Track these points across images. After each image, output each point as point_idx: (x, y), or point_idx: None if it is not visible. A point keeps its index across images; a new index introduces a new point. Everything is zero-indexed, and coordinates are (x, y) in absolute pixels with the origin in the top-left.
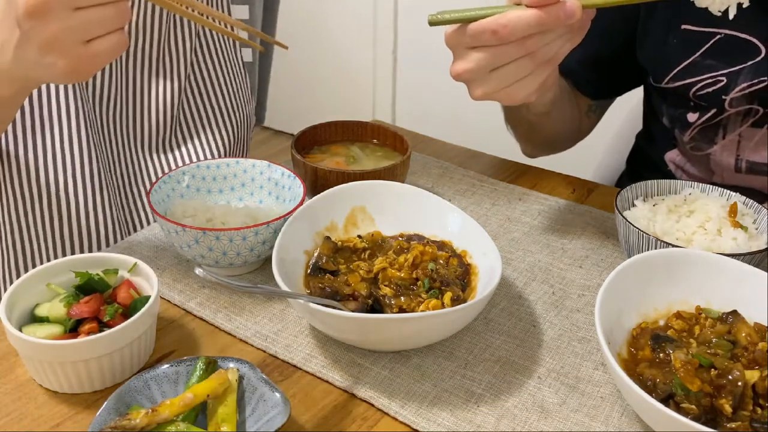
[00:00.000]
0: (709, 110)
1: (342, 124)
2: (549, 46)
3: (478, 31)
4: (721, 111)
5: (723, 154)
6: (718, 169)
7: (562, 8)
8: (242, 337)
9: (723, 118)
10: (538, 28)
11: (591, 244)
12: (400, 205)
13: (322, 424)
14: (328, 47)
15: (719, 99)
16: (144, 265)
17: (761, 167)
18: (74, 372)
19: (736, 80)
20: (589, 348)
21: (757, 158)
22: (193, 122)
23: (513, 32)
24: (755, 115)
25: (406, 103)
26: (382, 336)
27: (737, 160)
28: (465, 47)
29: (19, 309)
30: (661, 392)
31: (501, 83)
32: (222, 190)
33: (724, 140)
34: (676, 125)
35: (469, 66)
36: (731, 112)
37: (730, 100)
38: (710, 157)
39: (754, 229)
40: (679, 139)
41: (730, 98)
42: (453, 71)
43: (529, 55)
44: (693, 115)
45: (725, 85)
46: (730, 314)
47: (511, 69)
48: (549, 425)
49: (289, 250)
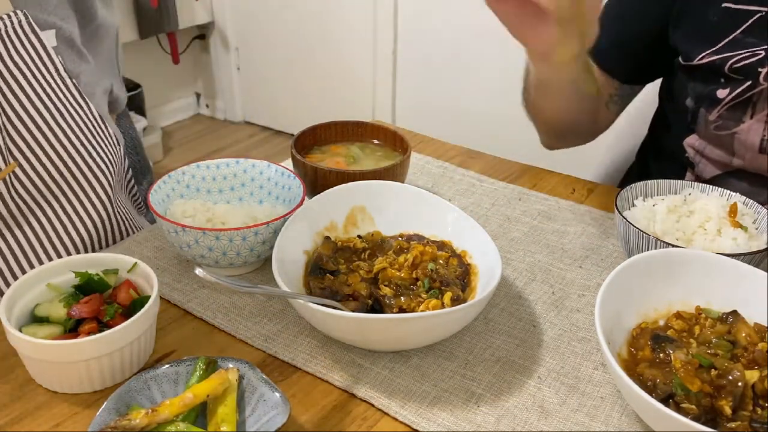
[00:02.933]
0: (742, 84)
1: (342, 124)
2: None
3: None
4: (754, 85)
5: (749, 133)
6: (741, 150)
7: None
8: (242, 337)
9: (754, 94)
10: None
11: (591, 244)
12: (400, 205)
13: (321, 424)
14: (328, 47)
15: (755, 71)
16: (144, 265)
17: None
18: (74, 372)
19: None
20: (589, 348)
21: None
22: (34, 192)
23: None
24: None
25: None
26: (382, 336)
27: (763, 139)
28: None
29: (19, 309)
30: (661, 392)
31: None
32: (222, 190)
33: (752, 119)
34: (704, 104)
35: None
36: (764, 86)
37: (765, 73)
38: (735, 136)
39: (754, 229)
40: (703, 120)
41: (765, 71)
42: None
43: None
44: (723, 91)
45: (763, 58)
46: (730, 314)
47: None
48: (549, 425)
49: (289, 250)
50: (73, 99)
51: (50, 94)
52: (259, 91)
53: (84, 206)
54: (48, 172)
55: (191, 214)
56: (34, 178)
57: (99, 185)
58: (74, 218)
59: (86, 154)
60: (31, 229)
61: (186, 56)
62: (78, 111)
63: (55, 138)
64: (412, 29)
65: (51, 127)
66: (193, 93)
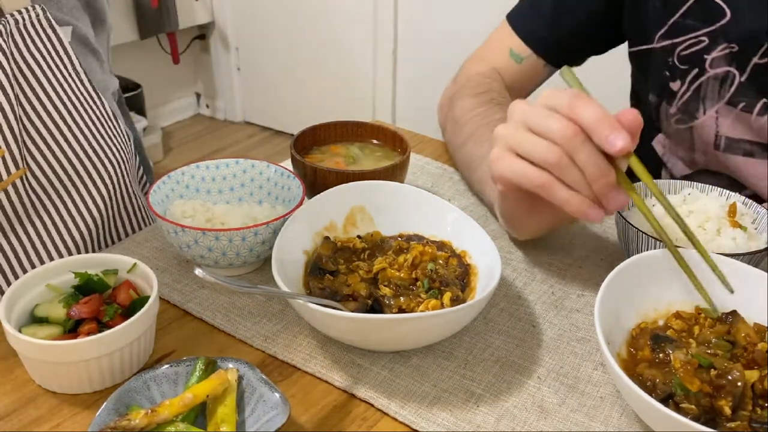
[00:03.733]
0: (690, 72)
1: (342, 124)
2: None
3: (589, 104)
4: (701, 72)
5: (704, 129)
6: (700, 145)
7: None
8: (241, 337)
9: (702, 87)
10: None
11: (591, 244)
12: (399, 205)
13: (321, 424)
14: (328, 47)
15: (701, 58)
16: (143, 265)
17: (737, 144)
18: (74, 372)
19: (716, 40)
20: (589, 348)
21: (734, 134)
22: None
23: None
24: (731, 84)
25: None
26: (382, 336)
27: (716, 136)
28: (548, 116)
29: (18, 309)
30: (660, 392)
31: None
32: (221, 190)
33: (705, 115)
34: (664, 97)
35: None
36: (710, 75)
37: (711, 60)
38: (693, 131)
39: (754, 229)
40: (665, 114)
41: (711, 58)
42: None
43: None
44: (675, 83)
45: (707, 46)
46: (729, 314)
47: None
48: (549, 425)
49: (289, 250)
50: (87, 94)
51: (66, 88)
52: (259, 91)
53: (93, 199)
54: (61, 163)
55: (191, 214)
56: (47, 171)
57: (109, 178)
58: (83, 211)
59: (99, 148)
60: (42, 222)
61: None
62: (92, 105)
63: (69, 130)
64: (412, 29)
65: (66, 120)
66: (193, 93)
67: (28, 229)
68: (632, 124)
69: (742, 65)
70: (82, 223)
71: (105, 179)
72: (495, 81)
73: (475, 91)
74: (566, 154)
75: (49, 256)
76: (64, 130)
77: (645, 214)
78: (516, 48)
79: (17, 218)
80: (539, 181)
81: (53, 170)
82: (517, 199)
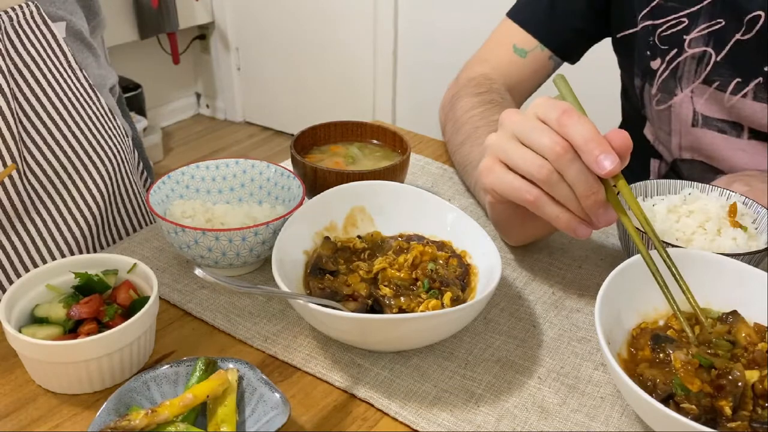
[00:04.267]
0: (669, 52)
1: (342, 124)
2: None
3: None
4: (680, 52)
5: (682, 107)
6: (677, 125)
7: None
8: (242, 337)
9: (680, 67)
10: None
11: (591, 244)
12: (399, 205)
13: (321, 424)
14: (328, 47)
15: (680, 39)
16: (143, 265)
17: (712, 121)
18: (74, 373)
19: (696, 20)
20: (589, 348)
21: (708, 112)
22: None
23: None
24: (707, 64)
25: (406, 103)
26: (382, 336)
27: (694, 113)
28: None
29: (18, 310)
30: (661, 392)
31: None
32: (221, 190)
33: (682, 93)
34: (647, 79)
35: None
36: (688, 55)
37: (690, 40)
38: (671, 111)
39: (754, 229)
40: (648, 97)
41: (689, 38)
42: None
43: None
44: (655, 62)
45: (687, 26)
46: (730, 314)
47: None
48: (549, 425)
49: (289, 250)
50: (83, 90)
51: (62, 84)
52: (259, 91)
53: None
54: (59, 159)
55: (191, 214)
56: (45, 167)
57: (106, 172)
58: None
59: (96, 143)
60: (41, 218)
61: (186, 56)
62: (88, 101)
63: (66, 126)
64: (412, 29)
65: (63, 116)
66: (193, 93)
67: (28, 225)
68: (622, 146)
69: (721, 44)
70: (82, 219)
71: (103, 174)
72: (496, 82)
73: (476, 91)
74: (555, 170)
75: (49, 253)
76: (61, 126)
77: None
78: (519, 43)
79: (16, 215)
80: (528, 197)
81: (51, 166)
82: (507, 209)
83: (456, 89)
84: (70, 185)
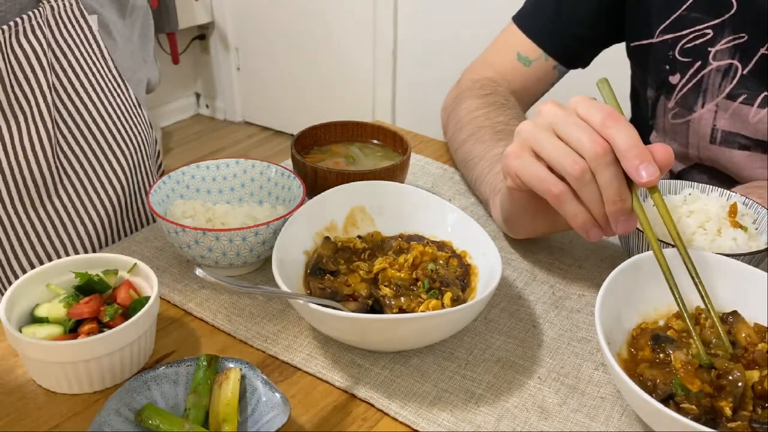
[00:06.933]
0: (692, 66)
1: (342, 124)
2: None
3: (626, 127)
4: (704, 65)
5: (701, 122)
6: (694, 140)
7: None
8: (242, 337)
9: (704, 80)
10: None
11: (591, 244)
12: (399, 205)
13: (322, 424)
14: (328, 47)
15: (705, 51)
16: (144, 265)
17: (734, 138)
18: (74, 372)
19: (721, 32)
20: (589, 348)
21: (731, 128)
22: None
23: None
24: (734, 77)
25: (406, 103)
26: (382, 336)
27: (713, 129)
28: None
29: (18, 309)
30: (661, 393)
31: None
32: (222, 190)
33: (703, 108)
34: (663, 91)
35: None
36: (713, 68)
37: (715, 52)
38: (690, 125)
39: (754, 229)
40: (662, 109)
41: (715, 50)
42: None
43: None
44: (675, 77)
45: (711, 38)
46: (730, 314)
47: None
48: (549, 425)
49: (289, 250)
50: (114, 81)
51: (95, 73)
52: (259, 91)
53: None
54: (88, 142)
55: (191, 214)
56: (75, 149)
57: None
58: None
59: (123, 131)
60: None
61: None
62: (118, 92)
63: (97, 113)
64: (412, 29)
65: (95, 103)
66: (193, 93)
67: (55, 202)
68: (663, 160)
69: (747, 57)
70: (107, 199)
71: (128, 158)
72: (500, 85)
73: (481, 93)
74: (590, 169)
75: (74, 229)
76: (94, 113)
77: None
78: (523, 51)
79: (45, 190)
80: (554, 190)
81: (81, 148)
82: (523, 198)
83: (459, 91)
84: (98, 167)
